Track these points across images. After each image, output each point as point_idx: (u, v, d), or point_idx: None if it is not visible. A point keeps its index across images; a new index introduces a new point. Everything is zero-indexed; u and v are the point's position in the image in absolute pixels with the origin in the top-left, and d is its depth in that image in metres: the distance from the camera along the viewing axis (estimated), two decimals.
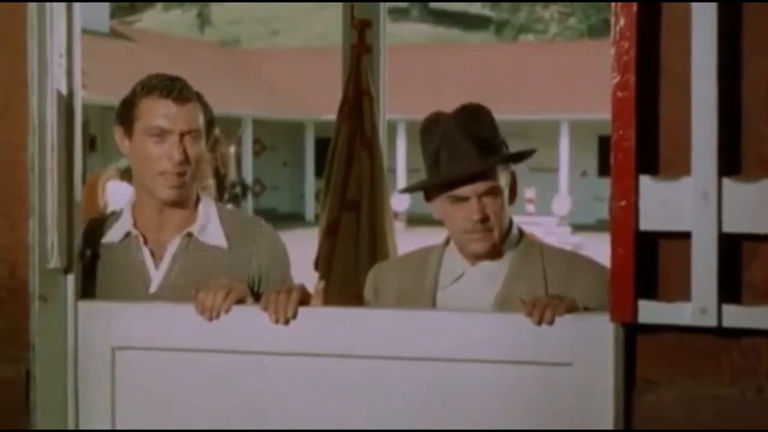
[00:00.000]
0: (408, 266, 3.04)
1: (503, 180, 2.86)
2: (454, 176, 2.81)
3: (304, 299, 2.71)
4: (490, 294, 2.87)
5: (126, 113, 2.96)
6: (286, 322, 2.66)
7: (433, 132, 2.88)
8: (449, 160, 2.83)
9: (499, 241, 2.87)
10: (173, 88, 2.90)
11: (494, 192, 2.83)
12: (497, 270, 2.89)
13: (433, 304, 2.91)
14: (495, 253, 2.89)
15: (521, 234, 2.95)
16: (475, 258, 2.89)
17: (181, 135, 2.90)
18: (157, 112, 2.90)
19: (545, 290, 2.82)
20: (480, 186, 2.81)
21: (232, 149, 15.29)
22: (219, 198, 11.82)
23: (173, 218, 2.97)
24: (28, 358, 2.78)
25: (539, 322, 2.53)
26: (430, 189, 2.90)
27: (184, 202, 2.96)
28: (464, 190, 2.81)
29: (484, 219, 2.82)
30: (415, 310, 2.79)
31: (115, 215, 3.07)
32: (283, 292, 2.68)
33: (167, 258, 2.96)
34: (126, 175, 11.17)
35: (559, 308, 2.54)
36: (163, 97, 2.89)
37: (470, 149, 2.81)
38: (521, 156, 2.95)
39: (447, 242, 2.99)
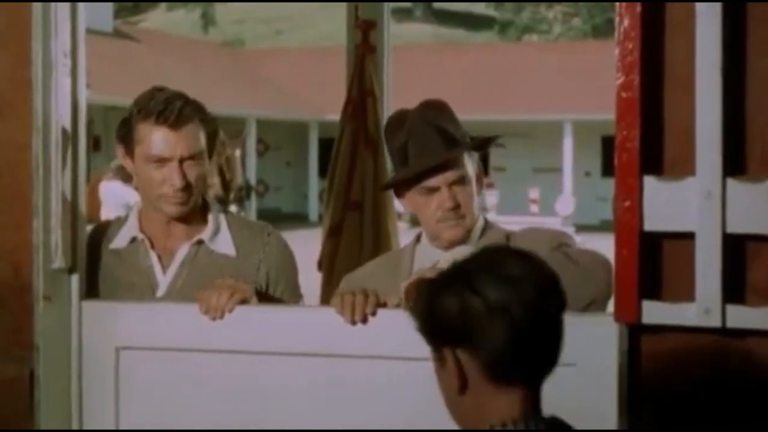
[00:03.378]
0: (380, 268, 3.08)
1: (470, 169, 2.93)
2: (423, 167, 2.87)
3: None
4: None
5: (126, 135, 2.92)
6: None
7: (400, 128, 2.94)
8: (417, 153, 2.89)
9: (472, 228, 2.93)
10: (170, 114, 2.84)
11: (463, 181, 2.90)
12: (467, 252, 2.91)
13: None
14: (468, 241, 2.94)
15: (486, 222, 3.01)
16: (449, 246, 2.93)
17: (181, 160, 2.86)
18: (155, 139, 2.86)
19: None
20: (449, 175, 2.88)
21: (238, 153, 15.24)
22: (224, 197, 11.78)
23: (181, 227, 2.96)
24: (32, 359, 2.78)
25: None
26: (401, 184, 2.96)
27: (190, 213, 2.95)
28: (434, 180, 2.88)
29: (456, 207, 2.88)
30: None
31: (120, 220, 3.07)
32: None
33: (175, 264, 2.95)
34: (120, 172, 11.15)
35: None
36: (159, 123, 2.84)
37: (436, 140, 2.89)
38: (485, 143, 3.03)
39: (417, 240, 3.03)
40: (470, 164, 2.93)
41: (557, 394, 2.55)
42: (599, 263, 2.74)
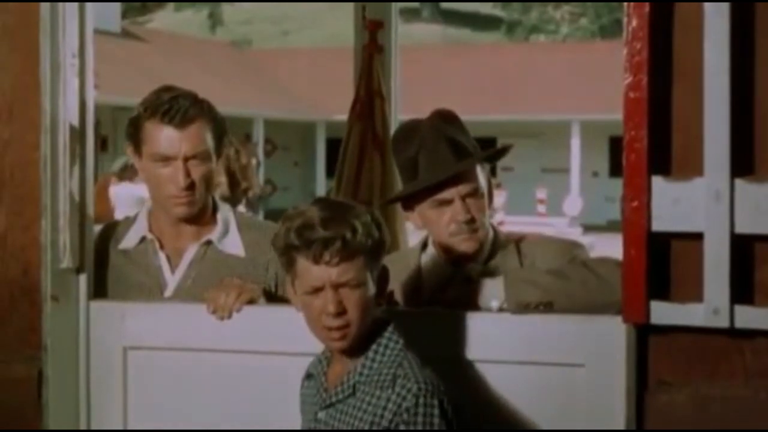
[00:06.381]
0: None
1: (483, 182, 2.87)
2: (437, 179, 2.81)
3: None
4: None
5: (134, 133, 2.92)
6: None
7: (409, 140, 2.88)
8: (428, 165, 2.83)
9: (485, 240, 2.87)
10: (175, 113, 2.84)
11: (476, 193, 2.84)
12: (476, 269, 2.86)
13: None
14: (480, 254, 2.88)
15: (495, 233, 2.94)
16: (461, 259, 2.87)
17: (185, 159, 2.86)
18: (159, 138, 2.86)
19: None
20: (463, 187, 2.82)
21: (254, 161, 15.12)
22: (232, 196, 11.77)
23: (190, 227, 2.96)
24: (41, 358, 2.79)
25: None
26: (412, 196, 2.89)
27: (198, 213, 2.95)
28: (448, 193, 2.82)
29: (471, 220, 2.82)
30: (429, 311, 2.79)
31: (129, 220, 3.07)
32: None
33: (184, 264, 2.95)
34: (125, 174, 11.22)
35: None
36: (164, 122, 2.85)
37: (448, 152, 2.83)
38: (498, 154, 2.99)
39: (423, 247, 2.98)
40: (482, 177, 2.88)
41: (566, 394, 2.56)
42: (619, 272, 2.69)
